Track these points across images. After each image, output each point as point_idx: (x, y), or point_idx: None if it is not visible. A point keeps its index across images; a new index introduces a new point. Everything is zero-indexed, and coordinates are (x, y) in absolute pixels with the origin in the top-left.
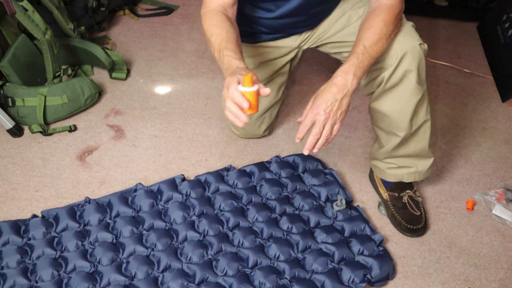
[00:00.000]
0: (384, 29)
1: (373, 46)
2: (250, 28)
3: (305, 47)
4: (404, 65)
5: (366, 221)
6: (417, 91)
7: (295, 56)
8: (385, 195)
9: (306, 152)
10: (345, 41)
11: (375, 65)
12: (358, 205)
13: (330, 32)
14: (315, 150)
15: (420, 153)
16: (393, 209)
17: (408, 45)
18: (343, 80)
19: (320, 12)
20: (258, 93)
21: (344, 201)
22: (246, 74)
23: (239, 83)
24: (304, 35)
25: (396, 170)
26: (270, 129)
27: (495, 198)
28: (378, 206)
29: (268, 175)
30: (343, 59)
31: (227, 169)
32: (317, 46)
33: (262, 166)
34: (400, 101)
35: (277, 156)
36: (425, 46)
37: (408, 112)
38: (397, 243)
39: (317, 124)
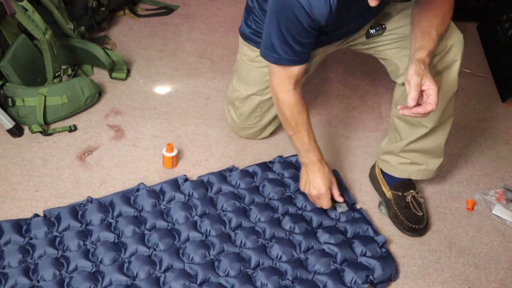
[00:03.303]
0: (449, 19)
1: (442, 35)
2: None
3: (330, 51)
4: (451, 54)
5: (369, 222)
6: (456, 82)
7: (319, 61)
8: (389, 193)
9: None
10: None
11: None
12: (361, 207)
13: (362, 32)
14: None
15: (435, 150)
16: (396, 208)
17: (456, 36)
18: (428, 61)
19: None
20: (175, 158)
21: (344, 205)
22: (168, 144)
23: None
24: (339, 42)
25: (408, 166)
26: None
27: (495, 198)
28: (379, 206)
29: (271, 175)
30: (376, 53)
31: (230, 169)
32: (345, 46)
33: (265, 166)
34: (441, 90)
35: (280, 156)
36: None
37: (443, 103)
38: (397, 243)
39: (435, 95)
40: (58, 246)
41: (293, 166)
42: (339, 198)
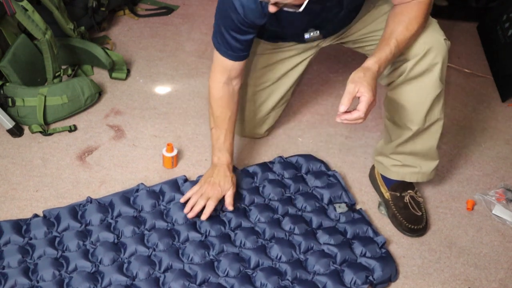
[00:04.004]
0: (415, 25)
1: (404, 41)
2: (270, 34)
3: (323, 45)
4: (429, 57)
5: (368, 223)
6: (437, 85)
7: (314, 55)
8: (387, 194)
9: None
10: (368, 36)
11: (400, 56)
12: (361, 208)
13: (352, 30)
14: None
15: (426, 153)
16: (394, 209)
17: (435, 39)
18: (375, 67)
19: (343, 25)
20: (175, 158)
21: (344, 206)
22: (168, 144)
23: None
24: (329, 39)
25: (400, 168)
26: (270, 130)
27: (495, 198)
28: (378, 206)
29: (271, 176)
30: (366, 52)
31: None
32: (337, 43)
33: (265, 166)
34: (420, 93)
35: (280, 157)
36: (449, 42)
37: (425, 105)
38: (397, 243)
39: (364, 104)
40: (58, 246)
41: (293, 166)
42: (230, 207)
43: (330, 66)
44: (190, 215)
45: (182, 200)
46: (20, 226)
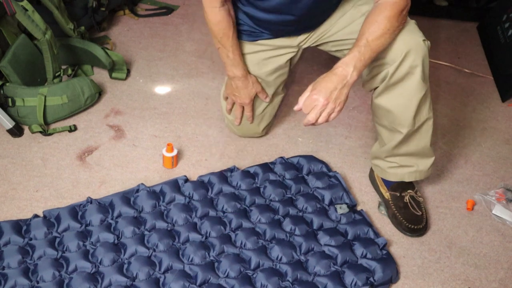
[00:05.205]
0: (387, 24)
1: (375, 40)
2: (249, 27)
3: (305, 46)
4: (409, 60)
5: (369, 224)
6: (421, 87)
7: (295, 55)
8: (387, 194)
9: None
10: (346, 39)
11: (378, 61)
12: (362, 209)
13: (331, 31)
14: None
15: (421, 152)
16: (394, 209)
17: (413, 41)
18: (344, 71)
19: (313, 17)
20: (175, 158)
21: (345, 207)
22: (168, 144)
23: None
24: (303, 36)
25: (397, 169)
26: (268, 129)
27: (495, 198)
28: (378, 206)
29: (272, 177)
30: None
31: (231, 170)
32: (317, 45)
33: (266, 167)
34: (404, 96)
35: (281, 157)
36: (428, 42)
37: (412, 108)
38: (397, 243)
39: (315, 109)
40: (58, 247)
41: (294, 167)
42: (267, 99)
43: (330, 66)
44: (236, 122)
45: (227, 109)
46: (20, 227)
